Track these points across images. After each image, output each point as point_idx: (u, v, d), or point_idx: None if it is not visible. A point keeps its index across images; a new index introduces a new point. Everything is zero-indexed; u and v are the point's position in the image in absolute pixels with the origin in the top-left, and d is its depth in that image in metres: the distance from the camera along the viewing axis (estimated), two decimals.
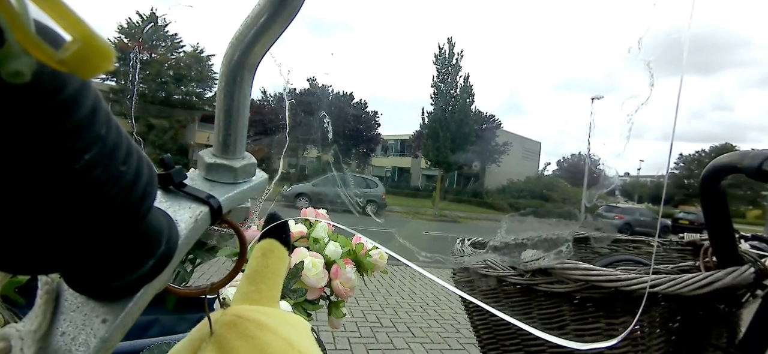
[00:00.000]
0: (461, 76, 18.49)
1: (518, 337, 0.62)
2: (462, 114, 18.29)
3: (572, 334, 0.53)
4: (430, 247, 0.56)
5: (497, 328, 0.65)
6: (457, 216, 14.85)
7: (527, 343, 0.60)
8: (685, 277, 0.45)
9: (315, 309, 0.65)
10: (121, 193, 0.15)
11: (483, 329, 0.68)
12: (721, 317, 0.54)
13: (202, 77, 19.04)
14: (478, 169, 24.33)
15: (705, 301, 0.52)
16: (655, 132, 33.77)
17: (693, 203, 28.60)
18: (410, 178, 28.54)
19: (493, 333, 0.66)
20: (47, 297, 0.20)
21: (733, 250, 0.51)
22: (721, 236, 0.52)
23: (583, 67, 64.43)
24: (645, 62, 0.37)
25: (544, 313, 0.56)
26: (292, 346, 0.26)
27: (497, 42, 56.65)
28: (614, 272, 0.48)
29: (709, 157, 29.69)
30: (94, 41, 0.11)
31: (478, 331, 0.69)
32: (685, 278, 0.45)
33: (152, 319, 0.63)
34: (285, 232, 0.33)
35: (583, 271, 0.49)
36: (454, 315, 3.04)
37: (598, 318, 0.52)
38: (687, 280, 0.45)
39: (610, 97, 32.59)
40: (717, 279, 0.44)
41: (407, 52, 52.09)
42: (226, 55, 0.26)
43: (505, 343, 0.63)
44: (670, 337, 0.53)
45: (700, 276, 0.45)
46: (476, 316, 0.69)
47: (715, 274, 0.45)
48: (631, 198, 18.58)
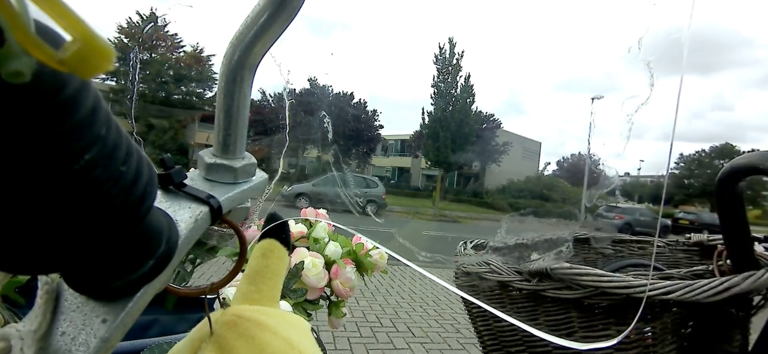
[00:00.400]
0: (461, 76, 18.51)
1: (523, 344, 0.61)
2: (462, 114, 18.29)
3: (581, 340, 0.52)
4: (430, 247, 0.56)
5: (502, 334, 0.64)
6: (457, 216, 14.86)
7: (533, 349, 0.60)
8: (700, 283, 0.44)
9: (315, 309, 0.65)
10: (121, 193, 0.15)
11: (487, 335, 0.67)
12: (734, 322, 0.53)
13: (202, 77, 19.05)
14: (478, 169, 24.34)
15: (719, 307, 0.51)
16: (655, 132, 33.75)
17: (693, 203, 28.63)
18: (410, 178, 28.55)
19: (498, 339, 0.65)
20: (47, 297, 0.20)
21: (749, 254, 0.50)
22: (737, 239, 0.50)
23: (583, 67, 64.47)
24: (645, 62, 0.37)
25: (551, 320, 0.55)
26: (292, 346, 0.26)
27: (497, 42, 56.70)
28: (626, 278, 0.47)
29: (709, 158, 29.81)
30: (94, 41, 0.11)
31: (482, 337, 0.68)
32: (700, 284, 0.44)
33: (152, 319, 0.63)
34: (285, 232, 0.33)
35: (594, 277, 0.48)
36: (454, 315, 3.04)
37: (609, 324, 0.51)
38: (703, 286, 0.44)
39: (611, 96, 32.59)
40: (734, 284, 0.43)
41: (407, 52, 52.13)
42: (226, 55, 0.26)
43: (511, 350, 0.62)
44: (682, 343, 0.52)
45: (716, 282, 0.44)
46: (480, 321, 0.68)
47: (732, 279, 0.44)
48: (631, 198, 18.59)
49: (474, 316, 0.70)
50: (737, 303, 0.51)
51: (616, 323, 0.50)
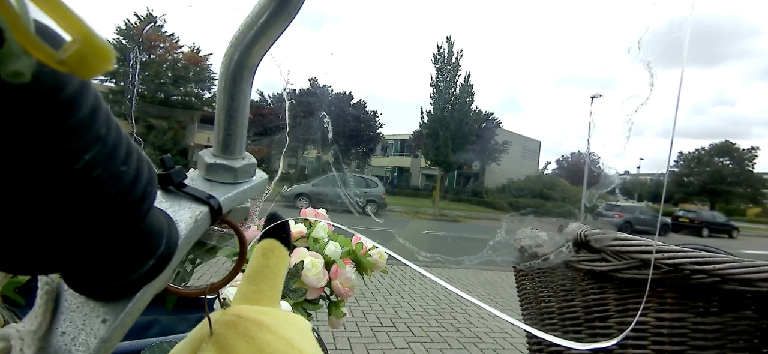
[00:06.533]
0: (460, 76, 18.51)
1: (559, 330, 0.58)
2: (462, 113, 18.29)
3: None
4: (430, 247, 0.56)
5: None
6: (457, 215, 14.86)
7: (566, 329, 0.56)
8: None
9: (315, 309, 0.65)
10: (121, 193, 0.15)
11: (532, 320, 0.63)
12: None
13: (201, 78, 19.04)
14: (478, 168, 24.35)
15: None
16: (656, 128, 33.68)
17: (693, 201, 28.62)
18: (410, 177, 28.55)
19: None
20: (47, 297, 0.20)
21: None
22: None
23: (581, 63, 64.42)
24: (645, 62, 0.37)
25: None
26: (292, 345, 0.26)
27: (494, 38, 56.71)
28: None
29: (709, 156, 29.80)
30: (93, 41, 0.11)
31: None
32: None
33: (152, 319, 0.63)
34: (285, 232, 0.33)
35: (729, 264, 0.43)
36: (454, 315, 3.04)
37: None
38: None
39: (610, 93, 32.23)
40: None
41: (407, 52, 52.11)
42: (226, 55, 0.26)
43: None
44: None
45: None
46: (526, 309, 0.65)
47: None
48: (631, 196, 18.59)
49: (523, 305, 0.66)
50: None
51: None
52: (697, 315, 0.47)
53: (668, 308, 0.47)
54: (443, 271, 4.05)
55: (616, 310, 0.51)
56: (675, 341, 0.47)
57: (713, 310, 0.47)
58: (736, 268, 0.43)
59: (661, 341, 0.48)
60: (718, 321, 0.46)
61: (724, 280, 0.44)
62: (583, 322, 0.55)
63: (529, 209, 0.70)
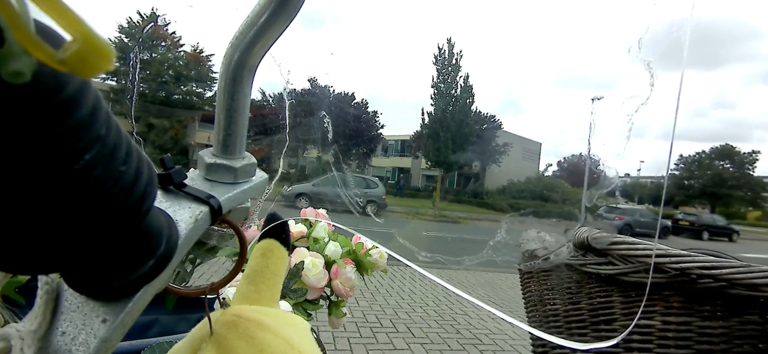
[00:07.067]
0: (461, 77, 18.53)
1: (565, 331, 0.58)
2: (462, 114, 18.31)
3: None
4: (430, 248, 0.56)
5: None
6: (458, 216, 14.85)
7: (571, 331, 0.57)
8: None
9: (315, 309, 0.65)
10: (121, 193, 0.15)
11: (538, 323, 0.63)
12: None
13: (202, 77, 19.04)
14: (479, 169, 24.35)
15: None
16: (656, 131, 33.63)
17: (693, 204, 28.59)
18: (410, 178, 28.54)
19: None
20: (47, 297, 0.20)
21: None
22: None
23: (581, 63, 64.39)
24: (645, 62, 0.37)
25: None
26: (292, 345, 0.26)
27: (494, 38, 56.70)
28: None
29: (709, 159, 29.76)
30: (94, 41, 0.11)
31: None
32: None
33: (152, 319, 0.63)
34: (285, 232, 0.33)
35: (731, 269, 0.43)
36: (454, 315, 3.04)
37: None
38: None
39: (610, 93, 32.15)
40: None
41: (408, 52, 52.12)
42: (226, 55, 0.26)
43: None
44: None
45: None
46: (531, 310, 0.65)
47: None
48: (632, 199, 18.58)
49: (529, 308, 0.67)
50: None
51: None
52: (702, 319, 0.47)
53: (674, 312, 0.47)
54: (443, 272, 4.05)
55: (622, 313, 0.51)
56: (681, 345, 0.47)
57: (719, 314, 0.47)
58: (743, 273, 0.43)
59: (667, 345, 0.48)
60: (723, 325, 0.47)
61: (730, 285, 0.44)
62: (589, 325, 0.55)
63: (529, 210, 0.70)
